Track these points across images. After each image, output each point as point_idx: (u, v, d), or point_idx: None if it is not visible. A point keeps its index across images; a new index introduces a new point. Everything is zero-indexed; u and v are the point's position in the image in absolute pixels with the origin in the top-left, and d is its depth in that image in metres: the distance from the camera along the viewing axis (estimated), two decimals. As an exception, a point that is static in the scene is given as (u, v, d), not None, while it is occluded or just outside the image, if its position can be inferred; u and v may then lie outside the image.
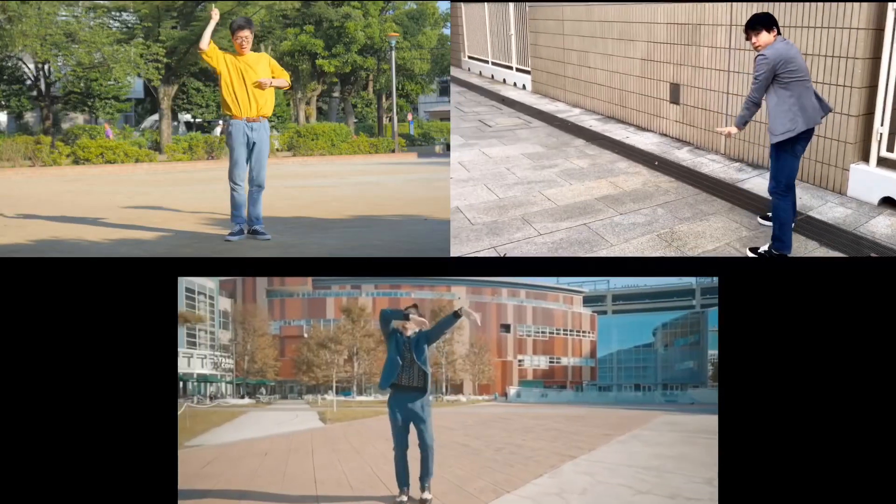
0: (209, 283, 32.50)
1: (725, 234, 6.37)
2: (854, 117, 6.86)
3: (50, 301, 4.41)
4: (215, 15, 7.28)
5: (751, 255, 5.74)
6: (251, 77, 7.17)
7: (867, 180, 6.83)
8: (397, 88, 36.83)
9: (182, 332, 29.17)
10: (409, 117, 43.82)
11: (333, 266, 7.47)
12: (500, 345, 42.09)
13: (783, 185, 5.52)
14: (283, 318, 39.48)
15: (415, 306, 4.39)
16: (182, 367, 28.98)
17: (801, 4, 7.35)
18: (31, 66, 30.03)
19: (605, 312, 50.80)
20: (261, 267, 6.74)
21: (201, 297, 31.83)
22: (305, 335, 35.35)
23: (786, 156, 5.50)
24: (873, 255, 5.74)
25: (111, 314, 4.41)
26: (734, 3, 8.53)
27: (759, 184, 7.61)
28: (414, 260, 6.48)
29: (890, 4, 6.51)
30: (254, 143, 7.27)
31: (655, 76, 10.50)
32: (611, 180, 8.11)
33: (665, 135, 10.29)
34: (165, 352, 4.41)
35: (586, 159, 9.10)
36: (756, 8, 7.52)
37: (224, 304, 33.84)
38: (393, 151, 30.67)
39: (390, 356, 4.30)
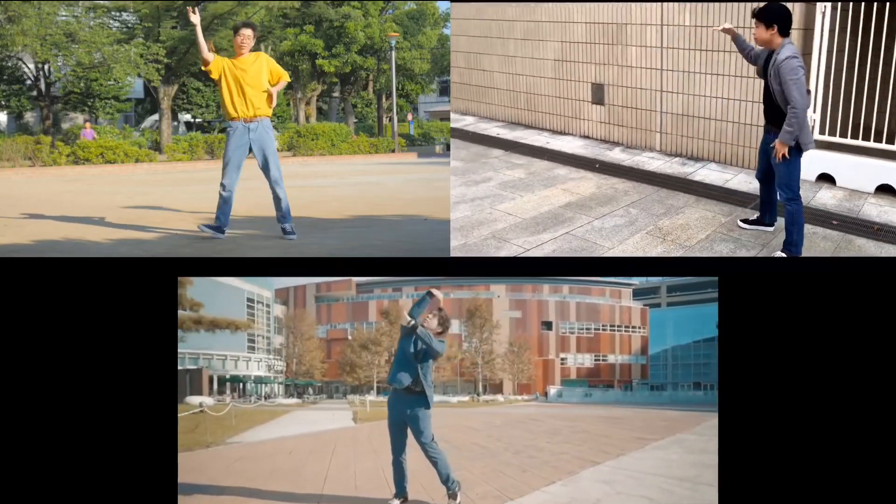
0: (266, 293, 35.09)
1: (709, 223, 6.66)
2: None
3: (50, 301, 4.41)
4: (195, 18, 7.22)
5: (744, 226, 6.33)
6: (247, 79, 7.20)
7: (803, 161, 7.15)
8: (397, 88, 36.83)
9: (243, 337, 31.65)
10: (409, 117, 43.82)
11: (333, 266, 7.48)
12: (542, 343, 40.84)
13: (797, 190, 5.47)
14: (330, 321, 40.99)
15: (429, 293, 4.36)
16: (241, 369, 31.33)
17: (734, 5, 7.89)
18: (31, 66, 30.02)
19: (658, 305, 46.77)
20: (261, 267, 6.74)
21: (259, 305, 34.42)
22: (349, 338, 36.36)
23: (798, 161, 5.48)
24: (834, 221, 6.59)
25: (111, 314, 4.41)
26: (666, 4, 8.78)
27: (706, 175, 8.29)
28: (414, 260, 6.48)
29: (818, 6, 7.51)
30: (256, 144, 7.29)
31: (573, 77, 10.36)
32: (562, 188, 8.01)
33: (587, 137, 10.23)
34: (165, 352, 4.41)
35: (519, 169, 8.84)
36: (692, 8, 8.46)
37: (278, 310, 36.15)
38: (393, 151, 30.66)
39: (402, 354, 4.27)
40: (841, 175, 7.66)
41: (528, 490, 4.95)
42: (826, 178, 7.75)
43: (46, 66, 29.49)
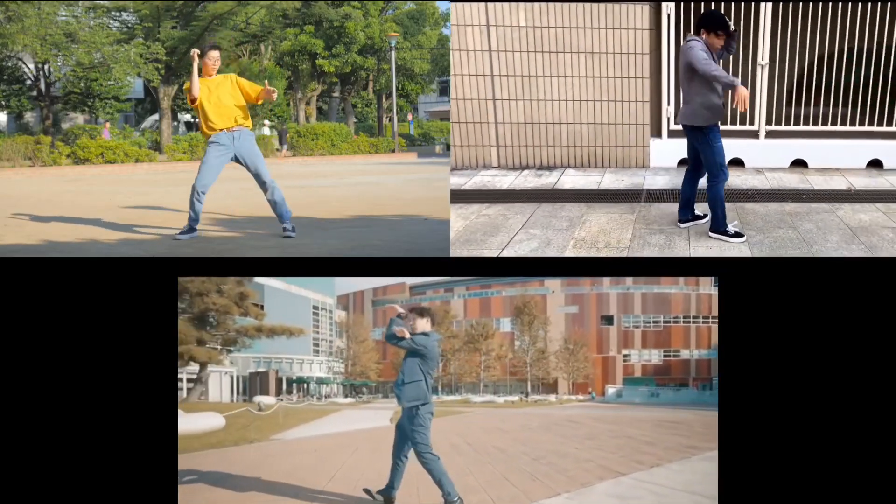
0: (328, 300, 37.55)
1: (623, 224, 6.60)
2: (646, 103, 8.43)
3: (50, 301, 4.41)
4: (197, 57, 7.29)
5: (683, 226, 6.40)
6: (222, 96, 7.28)
7: (664, 150, 8.57)
8: (397, 88, 36.84)
9: (308, 341, 34.00)
10: (409, 117, 43.82)
11: (334, 266, 7.48)
12: (601, 339, 38.29)
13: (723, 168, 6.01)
14: (385, 324, 41.67)
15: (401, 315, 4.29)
16: (305, 371, 33.20)
17: (588, 6, 8.11)
18: (31, 66, 30.03)
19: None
20: (261, 267, 6.75)
21: (323, 311, 37.08)
22: None
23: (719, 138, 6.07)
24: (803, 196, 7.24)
25: (111, 314, 4.41)
26: (493, 4, 8.27)
27: (575, 181, 8.13)
28: (414, 260, 6.48)
29: (664, 7, 8.17)
30: (243, 152, 7.36)
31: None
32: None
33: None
34: (165, 352, 4.41)
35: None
36: (554, 8, 8.27)
37: (339, 315, 38.25)
38: (393, 151, 30.68)
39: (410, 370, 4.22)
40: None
41: (527, 501, 4.64)
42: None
43: (46, 66, 29.49)
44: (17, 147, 22.22)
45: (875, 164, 8.67)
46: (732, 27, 5.96)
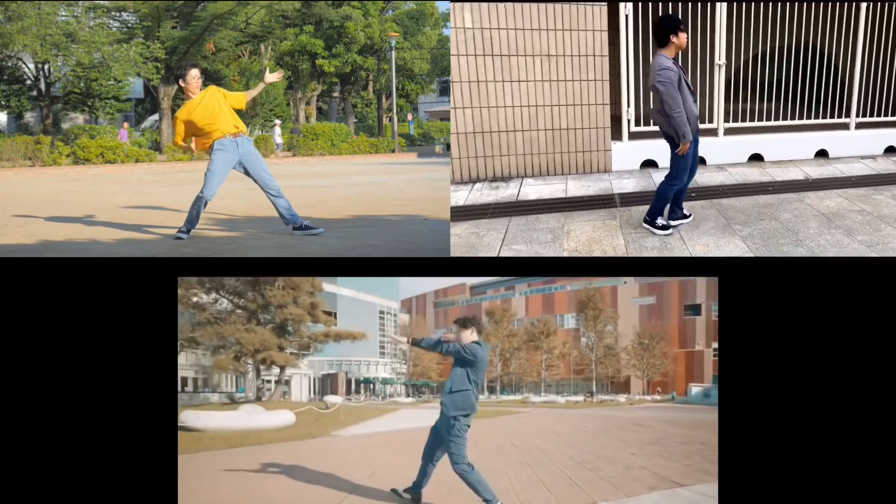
0: (393, 304, 39.02)
1: (610, 230, 6.37)
2: (606, 105, 8.22)
3: (50, 301, 4.41)
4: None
5: (674, 223, 6.33)
6: (208, 105, 7.29)
7: (626, 153, 8.47)
8: (397, 88, 36.84)
9: (375, 344, 35.55)
10: (409, 117, 43.84)
11: (333, 266, 7.48)
12: (684, 332, 34.48)
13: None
14: (447, 325, 41.43)
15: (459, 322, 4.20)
16: (371, 372, 34.43)
17: (544, 6, 7.77)
18: (31, 66, 30.04)
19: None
20: (261, 267, 6.74)
21: (388, 315, 38.72)
22: None
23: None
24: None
25: (111, 314, 4.41)
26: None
27: (538, 191, 7.58)
28: (414, 260, 6.48)
29: (621, 8, 7.97)
30: (248, 160, 7.40)
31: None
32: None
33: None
34: (165, 352, 4.41)
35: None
36: (473, 8, 7.67)
37: (403, 318, 39.72)
38: (393, 151, 30.68)
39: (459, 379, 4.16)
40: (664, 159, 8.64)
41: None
42: (650, 164, 8.57)
43: (46, 66, 29.50)
44: (17, 147, 22.22)
45: (821, 153, 9.50)
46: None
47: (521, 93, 7.81)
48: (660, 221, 6.24)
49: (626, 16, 8.02)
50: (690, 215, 6.48)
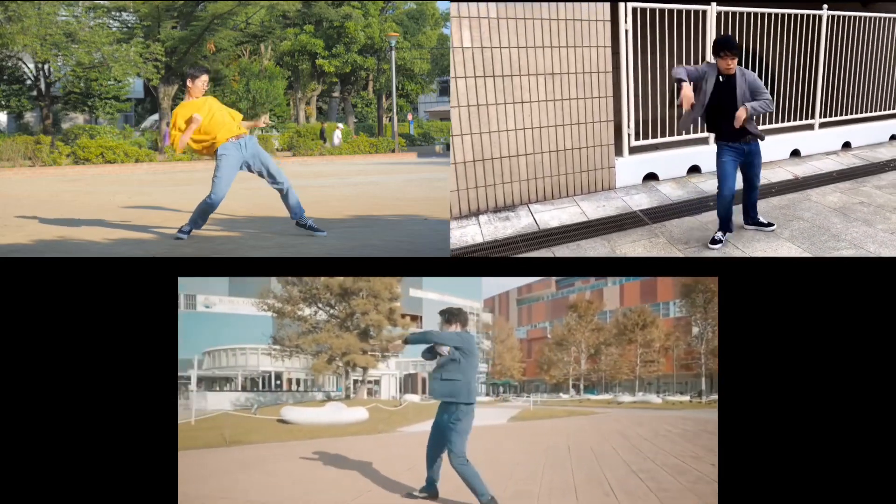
0: (475, 304, 39.11)
1: (662, 247, 6.23)
2: (610, 122, 8.01)
3: (50, 301, 4.41)
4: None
5: (749, 227, 6.54)
6: (209, 108, 7.32)
7: (628, 169, 8.41)
8: (397, 88, 36.84)
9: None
10: (409, 117, 43.83)
11: (333, 266, 7.48)
12: None
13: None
14: (530, 322, 41.06)
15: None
16: None
17: (547, 24, 7.35)
18: (31, 66, 30.02)
19: None
20: (261, 267, 6.75)
21: (471, 315, 37.65)
22: (548, 336, 35.22)
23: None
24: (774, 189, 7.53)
25: (111, 314, 4.41)
26: None
27: (557, 216, 7.07)
28: (414, 260, 6.48)
29: (621, 22, 7.92)
30: (254, 159, 7.42)
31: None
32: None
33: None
34: (165, 352, 4.41)
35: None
36: (507, 27, 7.10)
37: (486, 318, 39.52)
38: (393, 151, 30.69)
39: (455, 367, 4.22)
40: (661, 170, 8.70)
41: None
42: (652, 177, 8.59)
43: (46, 66, 29.48)
44: (17, 147, 22.22)
45: (794, 153, 10.10)
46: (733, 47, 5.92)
47: (523, 115, 7.33)
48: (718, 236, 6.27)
49: (627, 31, 8.00)
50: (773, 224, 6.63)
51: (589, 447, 7.66)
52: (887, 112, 11.91)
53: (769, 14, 9.43)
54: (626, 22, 8.00)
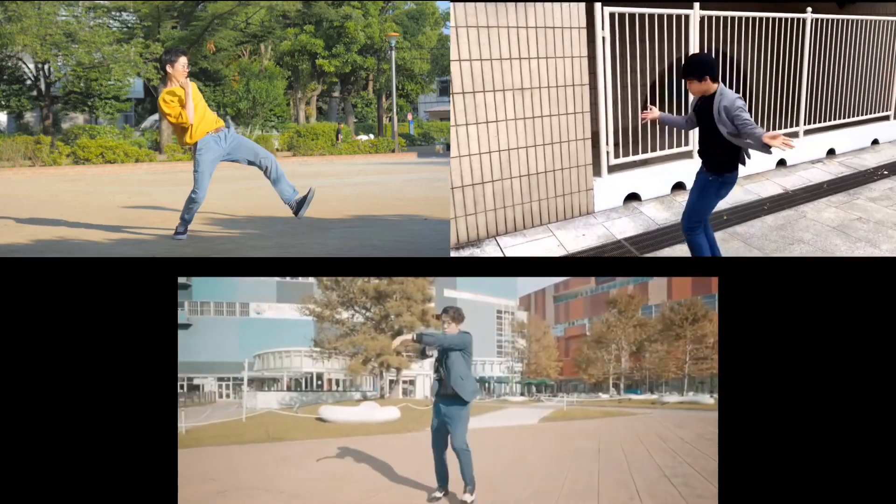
0: (510, 303, 39.80)
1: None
2: (587, 140, 7.23)
3: (49, 301, 4.41)
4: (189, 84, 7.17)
5: None
6: (198, 99, 7.20)
7: (608, 190, 7.69)
8: (397, 88, 36.85)
9: (493, 343, 37.18)
10: (409, 117, 43.84)
11: (334, 266, 7.47)
12: None
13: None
14: (568, 319, 40.30)
15: (437, 317, 4.42)
16: (487, 371, 35.29)
17: (515, 36, 6.58)
18: (31, 66, 30.04)
19: None
20: (261, 267, 6.75)
21: (506, 314, 39.33)
22: (587, 333, 34.11)
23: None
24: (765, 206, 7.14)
25: (111, 314, 4.41)
26: None
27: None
28: (414, 260, 6.48)
29: (597, 30, 7.24)
30: (237, 147, 7.31)
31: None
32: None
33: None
34: (165, 352, 4.41)
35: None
36: (468, 37, 6.29)
37: (521, 316, 39.66)
38: (393, 151, 30.69)
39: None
40: (644, 189, 8.05)
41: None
42: (634, 198, 8.00)
43: (46, 66, 29.50)
44: (17, 147, 22.22)
45: (781, 163, 9.73)
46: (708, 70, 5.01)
47: (489, 136, 6.53)
48: None
49: (604, 38, 7.28)
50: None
51: (620, 449, 7.36)
52: (870, 116, 11.69)
53: (753, 18, 9.13)
54: (602, 28, 7.28)
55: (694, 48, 8.14)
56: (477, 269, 6.92)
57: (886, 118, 12.11)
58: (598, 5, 7.30)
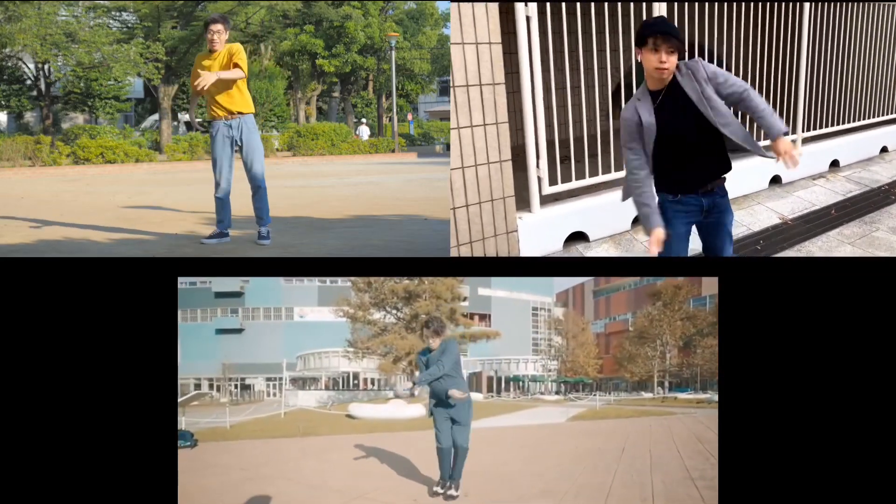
0: (546, 299, 39.60)
1: None
2: (507, 162, 5.14)
3: (49, 301, 4.41)
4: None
5: None
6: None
7: (541, 230, 5.58)
8: (397, 88, 36.84)
9: (528, 341, 36.90)
10: (409, 117, 43.83)
11: (334, 266, 7.47)
12: None
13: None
14: (609, 314, 38.76)
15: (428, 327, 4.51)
16: (521, 370, 34.94)
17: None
18: (31, 66, 30.03)
19: None
20: (261, 267, 6.75)
21: (542, 311, 38.98)
22: (630, 329, 31.92)
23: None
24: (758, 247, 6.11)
25: (111, 314, 4.41)
26: None
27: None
28: (414, 260, 6.48)
29: (520, 7, 5.31)
30: (237, 141, 6.94)
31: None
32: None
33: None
34: (165, 352, 4.41)
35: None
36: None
37: (558, 313, 39.05)
38: (393, 151, 30.68)
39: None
40: (593, 225, 6.09)
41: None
42: (579, 237, 6.15)
43: (46, 66, 29.49)
44: (17, 147, 22.21)
45: (775, 180, 8.22)
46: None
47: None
48: None
49: (528, 17, 5.21)
50: None
51: (648, 449, 7.04)
52: (877, 120, 9.94)
53: (738, 7, 7.45)
54: (526, 5, 5.18)
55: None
56: (477, 269, 6.92)
57: (895, 122, 10.39)
58: None
